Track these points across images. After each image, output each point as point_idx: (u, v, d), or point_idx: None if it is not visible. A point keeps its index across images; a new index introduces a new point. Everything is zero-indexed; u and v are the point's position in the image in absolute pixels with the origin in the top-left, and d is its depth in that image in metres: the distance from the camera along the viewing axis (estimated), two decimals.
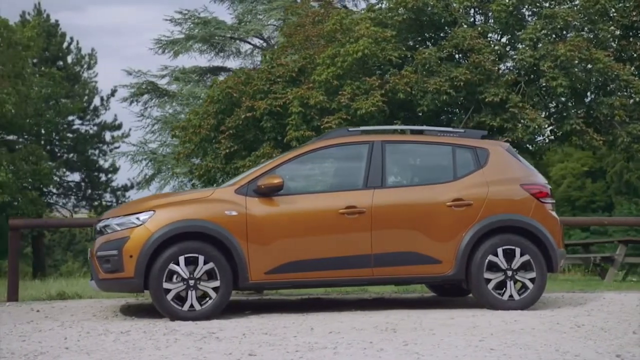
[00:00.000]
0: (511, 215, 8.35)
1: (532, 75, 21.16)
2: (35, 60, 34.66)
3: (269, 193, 8.01)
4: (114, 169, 36.19)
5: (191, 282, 7.76)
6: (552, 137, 22.43)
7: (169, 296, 7.74)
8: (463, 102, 20.49)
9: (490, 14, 21.24)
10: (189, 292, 7.75)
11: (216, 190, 8.20)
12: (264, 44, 30.98)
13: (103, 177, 36.54)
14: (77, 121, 36.73)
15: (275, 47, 25.97)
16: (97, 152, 36.55)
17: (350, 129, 8.84)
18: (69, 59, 37.01)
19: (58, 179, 35.46)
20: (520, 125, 19.64)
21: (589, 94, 21.73)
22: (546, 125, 20.87)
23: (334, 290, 10.60)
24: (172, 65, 31.66)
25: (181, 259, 7.75)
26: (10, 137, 33.76)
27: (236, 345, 6.33)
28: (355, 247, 8.07)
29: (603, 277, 15.08)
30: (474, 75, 19.50)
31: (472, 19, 22.18)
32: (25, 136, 33.89)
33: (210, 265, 7.79)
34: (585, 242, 17.82)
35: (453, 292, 9.62)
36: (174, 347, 6.26)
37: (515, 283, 8.29)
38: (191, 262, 7.78)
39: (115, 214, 8.16)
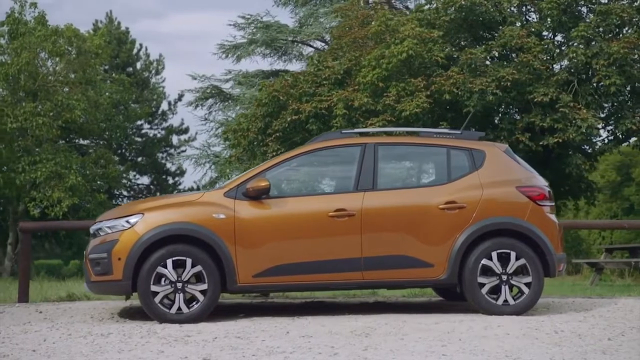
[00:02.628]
0: (506, 218, 8.14)
1: (586, 74, 20.63)
2: (106, 67, 35.52)
3: (257, 196, 8.00)
4: (181, 172, 36.89)
5: (179, 285, 7.81)
6: (612, 137, 21.82)
7: (157, 299, 7.80)
8: (511, 103, 20.11)
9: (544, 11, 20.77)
10: (177, 295, 7.80)
11: (205, 194, 8.23)
12: (326, 47, 31.00)
13: (170, 180, 37.27)
14: (146, 125, 37.59)
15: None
16: (164, 155, 37.33)
17: (343, 131, 8.78)
18: (138, 65, 37.87)
19: (128, 182, 36.29)
20: (571, 125, 19.17)
21: None
22: (599, 126, 20.29)
23: (342, 294, 10.52)
24: (235, 69, 32.00)
25: (169, 261, 7.79)
26: (83, 142, 34.70)
27: (198, 348, 6.35)
28: (344, 251, 7.98)
29: None
30: (522, 74, 19.14)
31: (525, 17, 21.77)
32: (96, 140, 34.73)
33: (198, 268, 7.81)
34: (631, 246, 17.24)
35: (460, 296, 9.42)
36: (135, 351, 6.31)
37: (511, 288, 8.10)
38: (179, 265, 7.82)
39: (107, 217, 8.28)
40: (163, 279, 7.81)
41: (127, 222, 7.96)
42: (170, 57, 74.52)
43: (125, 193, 36.85)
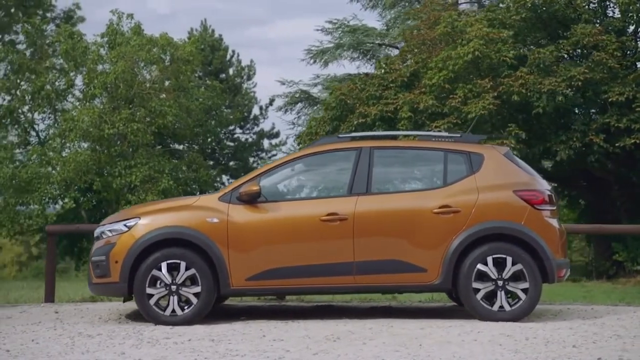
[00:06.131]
0: (501, 223, 7.93)
1: None
2: (200, 74, 36.36)
3: (249, 200, 8.07)
4: None
5: (173, 288, 7.96)
6: None
7: (152, 301, 7.97)
8: (585, 103, 19.48)
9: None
10: (171, 297, 7.96)
11: (200, 198, 8.37)
12: None
13: None
14: (238, 130, 38.25)
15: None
16: (256, 159, 37.90)
17: (340, 136, 8.75)
18: (231, 71, 38.58)
19: (222, 185, 36.98)
20: None
21: None
22: None
23: (358, 298, 10.45)
24: (324, 73, 32.18)
25: (163, 265, 7.95)
26: (178, 147, 35.59)
27: (160, 351, 6.46)
28: (336, 255, 7.95)
29: None
30: (596, 73, 18.51)
31: (604, 13, 21.04)
32: (190, 145, 35.54)
33: (192, 271, 7.94)
34: None
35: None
36: (99, 352, 6.45)
37: (510, 294, 7.88)
38: (174, 268, 7.97)
39: (110, 220, 8.52)
40: (158, 282, 7.97)
41: (125, 225, 8.17)
42: (273, 62, 75.50)
43: None
